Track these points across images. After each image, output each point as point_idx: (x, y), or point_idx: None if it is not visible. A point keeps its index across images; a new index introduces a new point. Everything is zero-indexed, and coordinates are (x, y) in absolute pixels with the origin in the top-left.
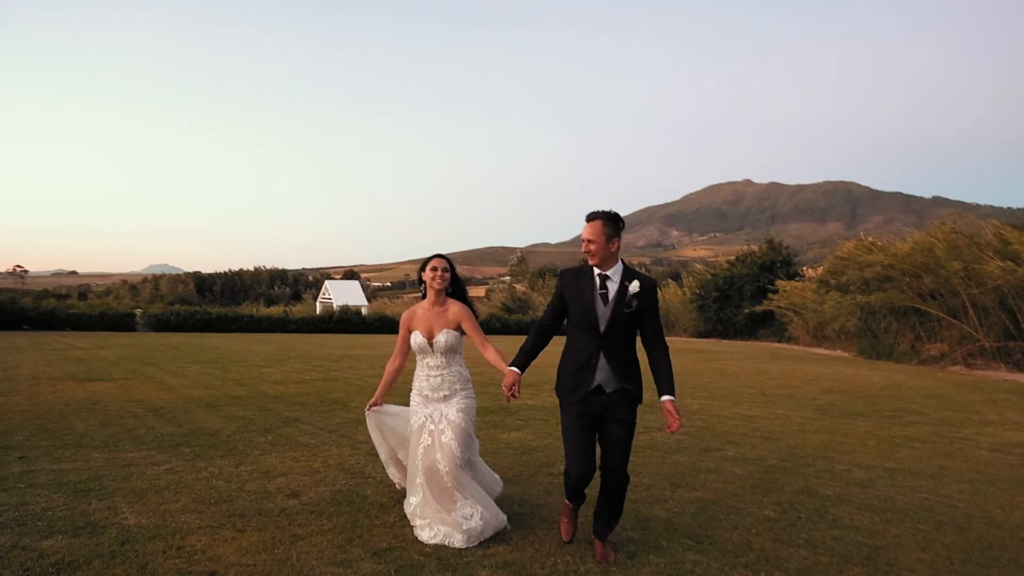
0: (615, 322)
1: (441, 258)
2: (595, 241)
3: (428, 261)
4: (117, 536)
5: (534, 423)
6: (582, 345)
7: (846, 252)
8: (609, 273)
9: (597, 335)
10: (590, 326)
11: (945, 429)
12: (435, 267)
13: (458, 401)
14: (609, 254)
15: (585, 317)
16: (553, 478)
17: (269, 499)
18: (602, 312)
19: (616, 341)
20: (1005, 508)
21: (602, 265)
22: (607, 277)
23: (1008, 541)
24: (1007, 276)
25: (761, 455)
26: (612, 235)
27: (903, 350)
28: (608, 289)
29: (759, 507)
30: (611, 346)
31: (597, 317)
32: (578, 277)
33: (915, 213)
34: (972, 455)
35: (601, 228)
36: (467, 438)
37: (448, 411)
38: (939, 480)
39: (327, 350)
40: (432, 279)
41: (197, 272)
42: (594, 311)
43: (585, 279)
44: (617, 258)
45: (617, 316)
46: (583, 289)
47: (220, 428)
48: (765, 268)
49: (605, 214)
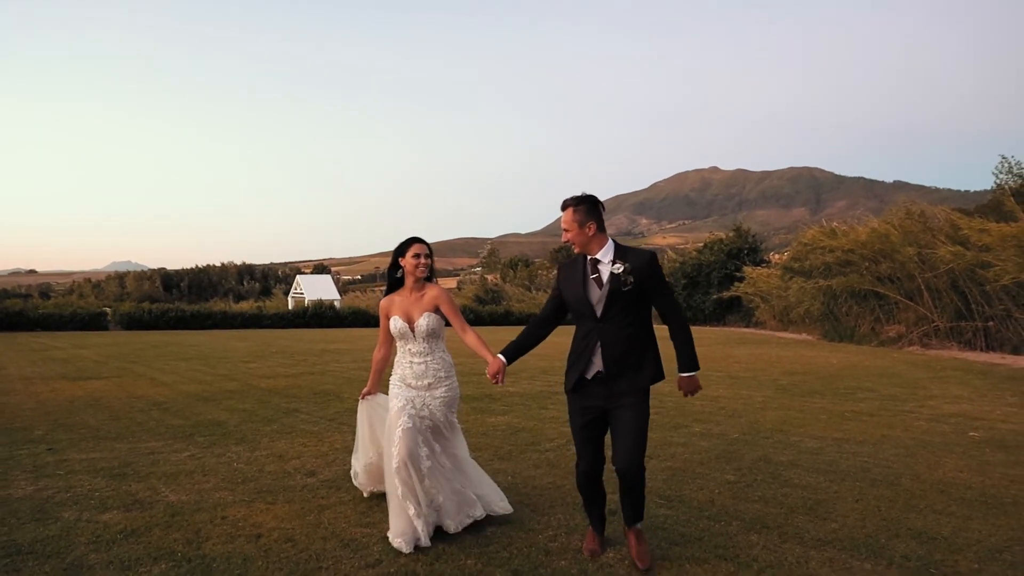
0: (612, 305)
1: (422, 243)
2: (569, 229)
3: (408, 247)
4: (165, 510)
5: (517, 408)
6: (582, 333)
7: (809, 238)
8: (599, 256)
9: (595, 321)
10: (588, 313)
11: (892, 403)
12: (418, 253)
13: (443, 392)
14: (588, 239)
15: (581, 304)
16: (539, 454)
17: (289, 478)
18: (597, 297)
19: (615, 324)
20: (931, 467)
21: (588, 250)
22: (598, 261)
23: (928, 492)
24: (957, 260)
25: (725, 431)
26: (585, 220)
27: (863, 332)
28: (600, 272)
29: (722, 472)
30: (610, 330)
31: (592, 303)
32: (572, 267)
33: (877, 198)
34: (912, 425)
35: (572, 215)
36: (448, 430)
37: (432, 402)
38: (879, 446)
39: (306, 345)
40: (415, 266)
41: (162, 269)
42: (588, 297)
43: (578, 268)
44: (604, 239)
45: (613, 299)
46: (577, 278)
47: (225, 419)
48: (732, 255)
49: (575, 199)
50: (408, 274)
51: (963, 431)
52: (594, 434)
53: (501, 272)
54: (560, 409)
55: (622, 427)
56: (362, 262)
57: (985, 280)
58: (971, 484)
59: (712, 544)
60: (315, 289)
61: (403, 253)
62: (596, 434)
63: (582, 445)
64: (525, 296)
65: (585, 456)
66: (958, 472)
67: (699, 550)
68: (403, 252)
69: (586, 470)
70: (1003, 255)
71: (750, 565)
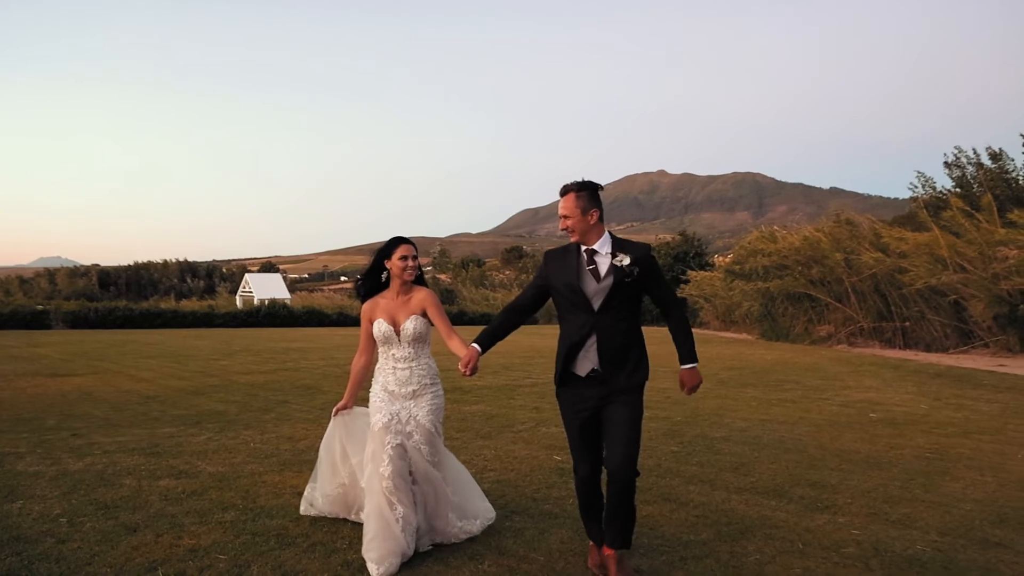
0: (612, 298)
1: (409, 243)
2: (570, 216)
3: (394, 248)
4: (210, 477)
5: (488, 398)
6: (575, 327)
7: (749, 242)
8: (596, 247)
9: (591, 314)
10: (583, 306)
11: (812, 393)
12: (405, 255)
13: (429, 400)
14: (589, 227)
15: (576, 297)
16: (515, 434)
17: (305, 454)
18: (594, 289)
19: (612, 318)
20: (833, 439)
21: (586, 240)
22: (594, 251)
23: (827, 457)
24: (879, 265)
25: (670, 415)
26: (588, 207)
27: (798, 332)
28: (597, 264)
29: (667, 446)
30: (606, 324)
31: (588, 296)
32: (563, 256)
33: (815, 203)
34: (825, 409)
35: (575, 201)
36: (435, 440)
37: (417, 411)
38: (795, 426)
39: (267, 343)
40: (403, 269)
41: (97, 265)
42: (585, 289)
43: (571, 257)
44: (602, 229)
45: (614, 291)
46: (570, 268)
47: (224, 409)
48: (679, 259)
49: (578, 184)
50: (395, 277)
51: (865, 413)
52: (593, 434)
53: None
54: (527, 397)
55: (616, 425)
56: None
57: (902, 284)
58: (860, 450)
59: (659, 493)
60: (265, 288)
61: (389, 255)
62: (595, 434)
63: (580, 448)
64: (478, 296)
65: (585, 459)
66: (853, 443)
67: (649, 496)
68: (389, 254)
69: (586, 475)
70: (917, 262)
71: (687, 505)
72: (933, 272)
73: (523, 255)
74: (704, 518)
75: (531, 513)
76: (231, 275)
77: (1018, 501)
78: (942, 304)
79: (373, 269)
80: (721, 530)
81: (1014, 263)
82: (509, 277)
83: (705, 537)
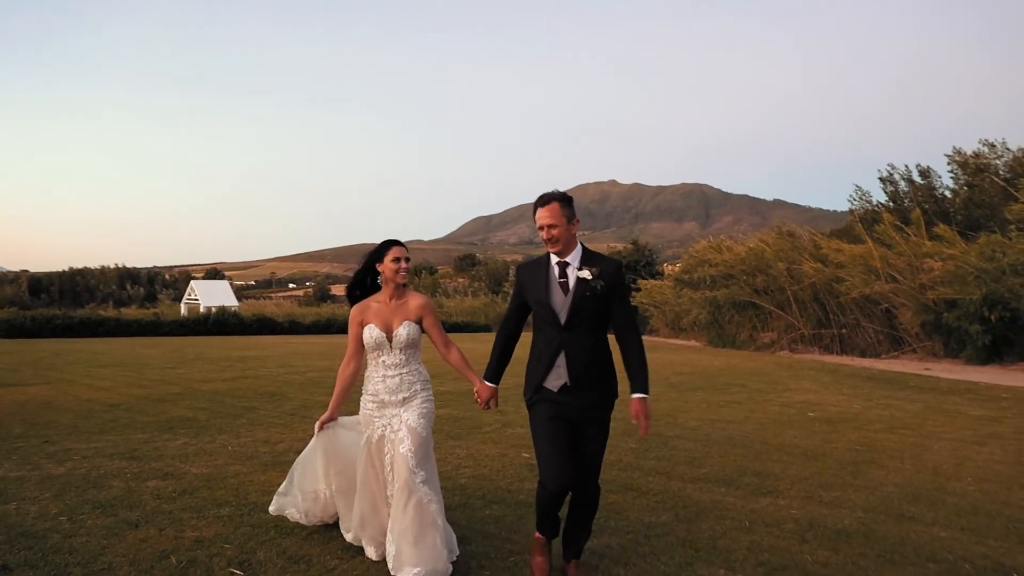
0: (577, 312)
1: (401, 246)
2: (557, 225)
3: (386, 250)
4: (197, 478)
5: (454, 403)
6: (545, 341)
7: (697, 252)
8: (568, 259)
9: (558, 328)
10: (551, 320)
11: (757, 395)
12: (398, 257)
13: (419, 405)
14: (571, 237)
15: (545, 312)
16: (483, 434)
17: (284, 455)
18: (561, 303)
19: (580, 333)
20: (776, 435)
21: (562, 252)
22: (567, 264)
23: (770, 451)
24: (818, 275)
25: (625, 416)
26: (572, 216)
27: (743, 339)
28: (568, 277)
29: (626, 444)
30: (574, 339)
31: (556, 310)
32: (535, 269)
33: (759, 214)
34: (768, 410)
35: (560, 210)
36: (426, 447)
37: (408, 416)
38: (742, 424)
39: (220, 352)
40: (396, 271)
41: (26, 271)
42: (552, 303)
43: (542, 269)
44: (577, 242)
45: (579, 305)
46: (539, 280)
47: (193, 416)
48: (630, 267)
49: (560, 194)
50: (387, 280)
51: (804, 413)
52: (565, 445)
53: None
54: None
55: (589, 454)
56: (257, 267)
57: (840, 293)
58: (799, 445)
59: (622, 483)
60: (211, 295)
61: (380, 258)
62: (567, 445)
63: (552, 456)
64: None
65: (555, 476)
66: (793, 438)
67: (613, 486)
68: (380, 256)
69: (556, 491)
70: (853, 272)
71: (648, 493)
72: (867, 282)
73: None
74: (663, 503)
75: (508, 503)
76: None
77: (931, 484)
78: (875, 312)
79: (364, 272)
80: (679, 513)
81: (939, 274)
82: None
83: (665, 519)
